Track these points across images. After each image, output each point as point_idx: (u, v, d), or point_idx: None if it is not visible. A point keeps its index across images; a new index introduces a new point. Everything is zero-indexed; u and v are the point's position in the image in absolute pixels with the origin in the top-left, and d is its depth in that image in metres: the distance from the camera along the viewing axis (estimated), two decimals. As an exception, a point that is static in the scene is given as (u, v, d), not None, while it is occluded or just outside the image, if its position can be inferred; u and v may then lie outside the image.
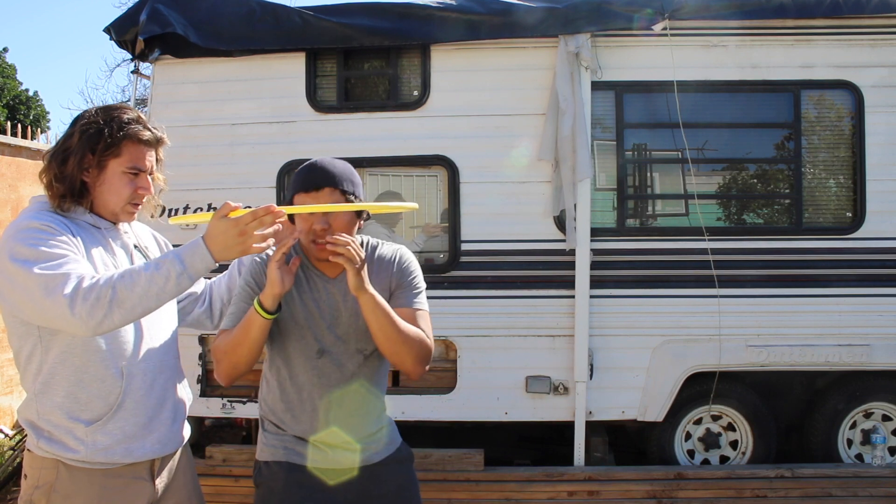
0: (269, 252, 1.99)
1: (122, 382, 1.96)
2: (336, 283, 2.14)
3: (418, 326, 2.12)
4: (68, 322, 1.78)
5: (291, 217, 2.04)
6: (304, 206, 2.00)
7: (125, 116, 1.99)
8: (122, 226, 2.11)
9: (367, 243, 2.22)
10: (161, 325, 2.10)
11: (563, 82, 4.10)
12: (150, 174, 2.05)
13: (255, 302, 1.98)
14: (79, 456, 1.92)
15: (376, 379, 2.22)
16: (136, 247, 2.12)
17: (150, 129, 2.02)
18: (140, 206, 2.07)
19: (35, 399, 1.94)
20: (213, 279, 2.40)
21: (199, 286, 2.34)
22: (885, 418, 4.39)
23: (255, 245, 1.83)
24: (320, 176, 2.04)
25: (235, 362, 2.05)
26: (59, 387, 1.93)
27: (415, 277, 2.19)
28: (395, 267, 2.18)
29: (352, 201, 2.05)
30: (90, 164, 1.97)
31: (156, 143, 2.05)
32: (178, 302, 2.27)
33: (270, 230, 1.85)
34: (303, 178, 2.06)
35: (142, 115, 2.05)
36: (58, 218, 1.93)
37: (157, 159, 2.08)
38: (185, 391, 2.20)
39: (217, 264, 1.87)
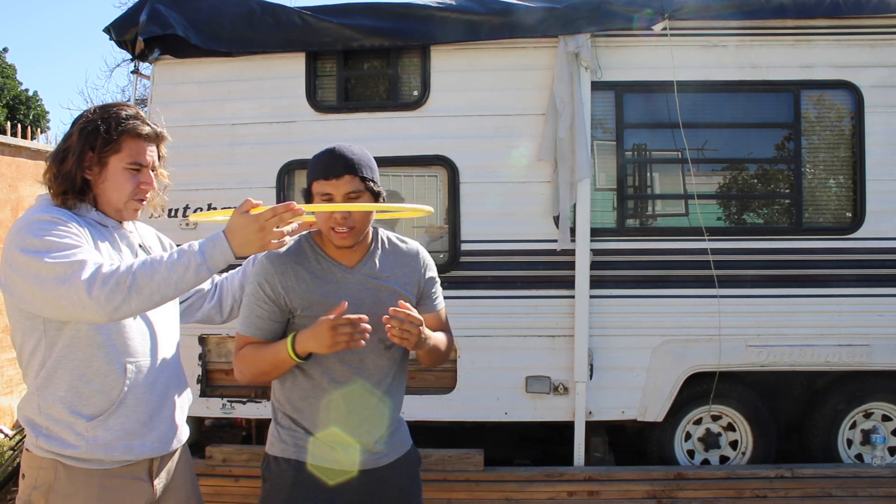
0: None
1: (125, 378, 1.96)
2: (354, 273, 2.14)
3: (444, 326, 2.28)
4: (84, 306, 1.78)
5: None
6: (325, 206, 2.03)
7: (123, 113, 2.00)
8: (128, 225, 2.11)
9: (385, 237, 2.24)
10: (164, 323, 2.10)
11: (560, 83, 4.10)
12: (153, 170, 2.06)
13: (290, 347, 2.01)
14: (78, 452, 1.92)
15: (389, 378, 2.20)
16: (140, 246, 2.12)
17: (149, 125, 2.03)
18: (144, 202, 2.07)
19: (37, 393, 1.94)
20: (225, 275, 2.41)
21: (207, 283, 2.34)
22: (885, 418, 4.39)
23: (273, 241, 1.86)
24: (340, 163, 2.06)
25: (260, 382, 2.17)
26: (62, 381, 1.93)
27: (436, 281, 2.30)
28: (419, 267, 2.25)
29: (370, 187, 2.09)
30: (91, 162, 1.97)
31: (156, 138, 2.06)
32: (185, 300, 2.28)
33: (289, 227, 1.88)
34: (323, 164, 2.07)
35: (141, 112, 2.05)
36: (65, 212, 1.94)
37: (159, 156, 2.09)
38: (186, 390, 2.20)
39: (236, 258, 1.89)
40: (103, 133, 1.96)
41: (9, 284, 1.89)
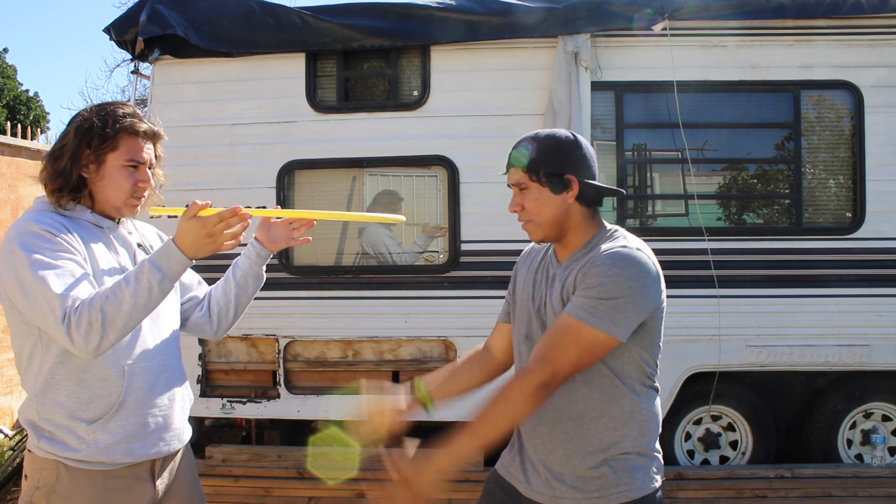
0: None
1: (124, 381, 1.95)
2: (560, 268, 2.01)
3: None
4: (69, 348, 1.81)
5: None
6: (274, 211, 2.03)
7: (120, 111, 1.99)
8: (127, 225, 2.10)
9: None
10: (163, 324, 2.09)
11: (558, 84, 4.10)
12: (150, 167, 2.05)
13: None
14: (79, 455, 1.92)
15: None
16: (140, 246, 2.11)
17: (146, 122, 2.02)
18: (142, 200, 2.06)
19: (36, 399, 1.94)
20: (214, 285, 2.33)
21: (202, 290, 2.32)
22: (885, 418, 4.39)
23: (226, 243, 1.87)
24: (511, 154, 1.95)
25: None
26: (61, 386, 1.92)
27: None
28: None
29: (541, 182, 1.95)
30: (88, 160, 1.96)
31: (153, 136, 2.04)
32: (182, 304, 2.26)
33: (238, 228, 1.88)
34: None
35: (138, 110, 2.05)
36: (58, 218, 1.93)
37: (155, 155, 2.08)
38: (187, 391, 2.19)
39: (193, 262, 1.88)
40: (100, 131, 1.95)
41: (2, 289, 1.90)
